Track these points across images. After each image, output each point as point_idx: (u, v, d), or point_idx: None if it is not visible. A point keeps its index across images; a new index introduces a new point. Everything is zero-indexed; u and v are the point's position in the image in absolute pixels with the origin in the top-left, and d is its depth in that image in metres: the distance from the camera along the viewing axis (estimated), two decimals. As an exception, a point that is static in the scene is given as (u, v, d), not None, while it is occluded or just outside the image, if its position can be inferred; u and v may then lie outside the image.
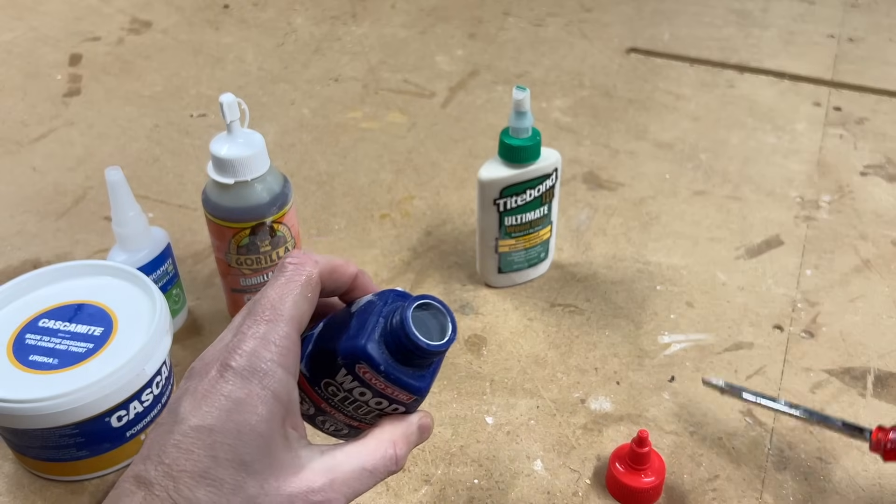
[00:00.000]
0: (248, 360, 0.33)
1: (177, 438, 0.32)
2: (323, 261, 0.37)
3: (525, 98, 0.59)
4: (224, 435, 0.31)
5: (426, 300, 0.36)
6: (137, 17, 1.15)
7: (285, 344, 0.34)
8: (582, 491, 0.52)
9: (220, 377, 0.33)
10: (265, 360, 0.33)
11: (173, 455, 0.31)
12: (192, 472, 0.31)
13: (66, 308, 0.54)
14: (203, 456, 0.31)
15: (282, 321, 0.34)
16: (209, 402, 0.32)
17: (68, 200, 0.79)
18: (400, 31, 1.11)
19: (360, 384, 0.35)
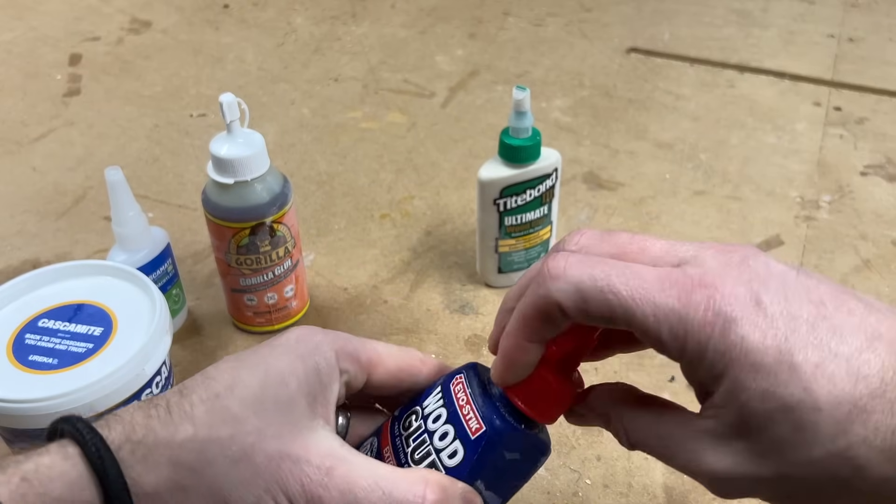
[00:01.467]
0: (311, 333, 0.35)
1: (208, 369, 0.33)
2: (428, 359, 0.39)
3: (525, 98, 0.59)
4: (251, 372, 0.32)
5: None
6: (137, 17, 1.15)
7: (352, 349, 0.35)
8: (582, 491, 0.52)
9: (282, 334, 0.35)
10: (327, 342, 0.34)
11: (196, 379, 0.32)
12: (202, 393, 0.31)
13: (65, 308, 0.54)
14: (221, 384, 0.32)
15: (362, 343, 0.36)
16: (256, 347, 0.34)
17: (68, 200, 0.79)
18: (400, 31, 1.11)
19: (442, 404, 0.34)
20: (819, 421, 0.27)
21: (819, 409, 0.27)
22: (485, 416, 0.33)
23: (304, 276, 0.64)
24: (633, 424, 0.33)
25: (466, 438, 0.33)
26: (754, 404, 0.28)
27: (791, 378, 0.28)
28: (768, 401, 0.28)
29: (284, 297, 0.62)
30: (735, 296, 0.29)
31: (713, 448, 0.30)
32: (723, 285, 0.29)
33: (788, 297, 0.29)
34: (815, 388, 0.27)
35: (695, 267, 0.30)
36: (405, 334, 0.63)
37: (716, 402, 0.30)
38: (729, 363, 0.28)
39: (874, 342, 0.28)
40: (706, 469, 0.30)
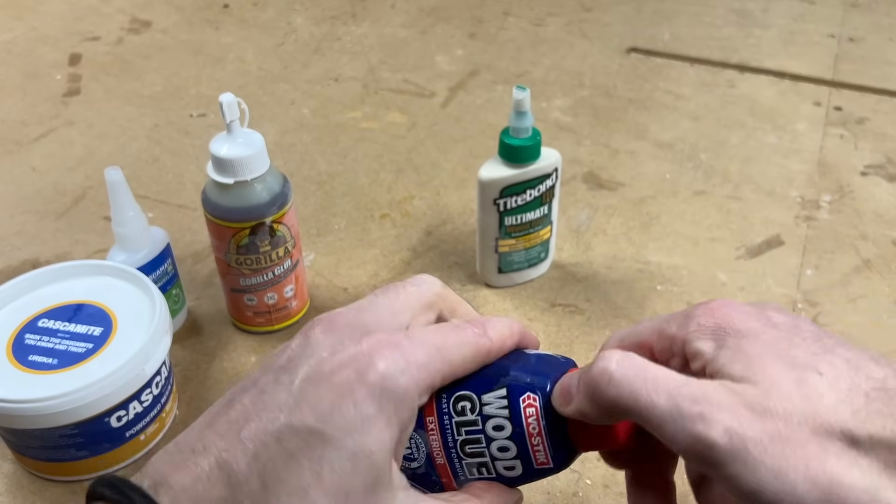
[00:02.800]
0: (392, 378, 0.29)
1: (283, 436, 0.28)
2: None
3: (525, 98, 0.59)
4: (338, 453, 0.28)
5: None
6: (137, 16, 1.15)
7: (429, 380, 0.31)
8: (582, 491, 0.52)
9: (358, 383, 0.29)
10: (409, 383, 0.30)
11: (276, 456, 0.27)
12: (290, 484, 0.27)
13: (65, 308, 0.54)
14: (307, 471, 0.27)
15: (440, 359, 0.32)
16: (335, 408, 0.28)
17: (68, 200, 0.79)
18: (400, 31, 1.11)
19: (507, 415, 0.32)
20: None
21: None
22: (555, 456, 0.33)
23: (304, 276, 0.64)
24: None
25: (529, 465, 0.33)
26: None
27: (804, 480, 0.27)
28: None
29: (284, 297, 0.62)
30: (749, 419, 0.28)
31: None
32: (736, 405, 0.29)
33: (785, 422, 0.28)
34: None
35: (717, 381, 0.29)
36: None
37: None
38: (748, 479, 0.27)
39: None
40: None
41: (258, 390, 0.30)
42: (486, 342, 0.33)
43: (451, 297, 0.36)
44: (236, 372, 0.60)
